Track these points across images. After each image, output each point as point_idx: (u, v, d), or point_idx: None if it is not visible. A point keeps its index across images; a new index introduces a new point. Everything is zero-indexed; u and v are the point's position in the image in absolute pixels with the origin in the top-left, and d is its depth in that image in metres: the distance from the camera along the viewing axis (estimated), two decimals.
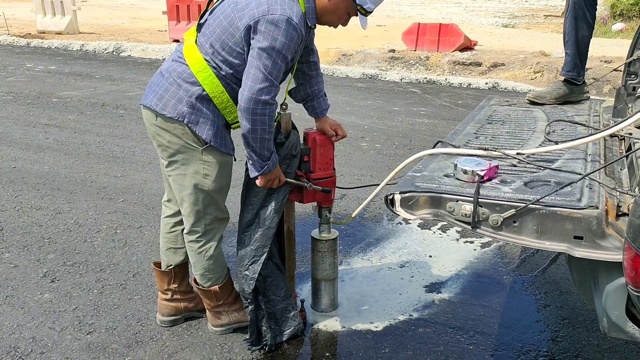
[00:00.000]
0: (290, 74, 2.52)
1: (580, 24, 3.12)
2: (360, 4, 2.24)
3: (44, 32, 14.13)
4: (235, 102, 2.31)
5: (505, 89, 8.85)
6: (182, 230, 2.61)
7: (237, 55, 2.25)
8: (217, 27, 2.26)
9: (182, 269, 2.74)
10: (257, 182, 2.39)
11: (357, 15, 2.31)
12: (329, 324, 2.81)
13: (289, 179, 2.49)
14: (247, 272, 2.49)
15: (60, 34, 13.93)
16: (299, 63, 2.54)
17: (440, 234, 3.83)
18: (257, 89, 2.17)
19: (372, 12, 2.31)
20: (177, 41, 12.53)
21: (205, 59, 2.29)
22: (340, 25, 2.41)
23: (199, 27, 2.35)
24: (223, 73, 2.29)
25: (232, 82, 2.30)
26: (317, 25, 2.38)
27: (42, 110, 7.02)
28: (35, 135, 5.95)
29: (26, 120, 6.57)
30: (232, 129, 2.45)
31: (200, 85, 2.29)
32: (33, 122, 6.46)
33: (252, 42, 2.18)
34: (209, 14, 2.34)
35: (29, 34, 14.04)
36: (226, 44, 2.25)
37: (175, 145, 2.36)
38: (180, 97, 2.30)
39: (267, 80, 2.17)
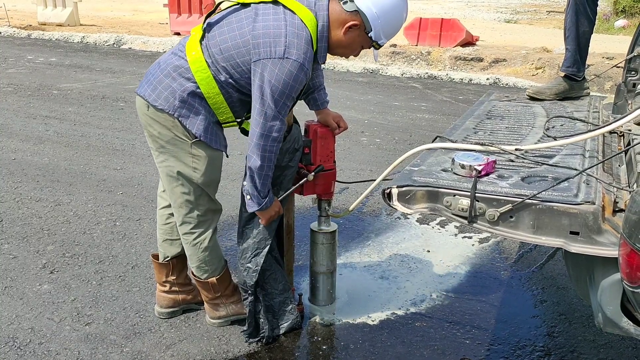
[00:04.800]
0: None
1: (581, 19, 3.11)
2: (375, 40, 2.24)
3: (44, 24, 14.12)
4: (230, 105, 2.30)
5: (507, 84, 8.83)
6: None
7: (242, 72, 2.21)
8: (229, 39, 2.20)
9: (180, 261, 2.75)
10: (261, 221, 2.43)
11: (370, 48, 2.31)
12: (327, 317, 2.82)
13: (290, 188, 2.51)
14: (249, 265, 2.49)
15: (61, 25, 13.92)
16: None
17: (439, 228, 3.84)
18: (268, 126, 2.18)
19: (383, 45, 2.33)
20: (178, 34, 12.52)
21: (207, 61, 2.23)
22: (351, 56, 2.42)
23: (209, 26, 2.27)
24: (222, 79, 2.25)
25: (229, 88, 2.27)
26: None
27: (43, 102, 7.02)
28: (36, 127, 5.95)
29: (26, 112, 6.57)
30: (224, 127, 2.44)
31: (196, 83, 2.25)
32: (33, 114, 6.46)
33: (261, 75, 2.15)
34: (222, 16, 2.27)
35: (30, 25, 14.03)
36: (233, 59, 2.20)
37: (165, 137, 2.35)
38: (173, 90, 2.27)
39: (277, 118, 2.19)
